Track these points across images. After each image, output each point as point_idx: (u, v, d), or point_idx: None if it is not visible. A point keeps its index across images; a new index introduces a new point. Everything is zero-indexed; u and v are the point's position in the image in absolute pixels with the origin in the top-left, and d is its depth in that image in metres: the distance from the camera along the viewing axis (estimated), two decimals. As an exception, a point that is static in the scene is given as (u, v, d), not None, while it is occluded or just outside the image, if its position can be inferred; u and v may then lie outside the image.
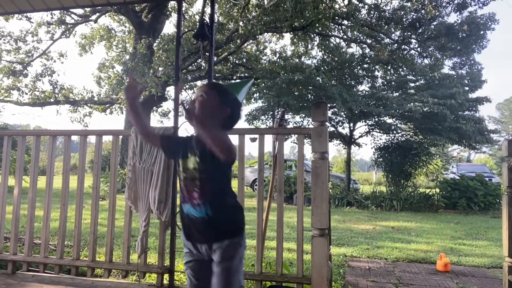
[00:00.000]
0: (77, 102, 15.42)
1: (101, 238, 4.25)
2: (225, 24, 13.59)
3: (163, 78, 12.47)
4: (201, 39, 2.61)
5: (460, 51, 13.06)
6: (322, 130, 2.43)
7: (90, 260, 2.83)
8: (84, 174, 2.95)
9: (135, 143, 2.60)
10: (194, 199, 1.48)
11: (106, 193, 9.65)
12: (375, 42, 13.57)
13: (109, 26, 16.62)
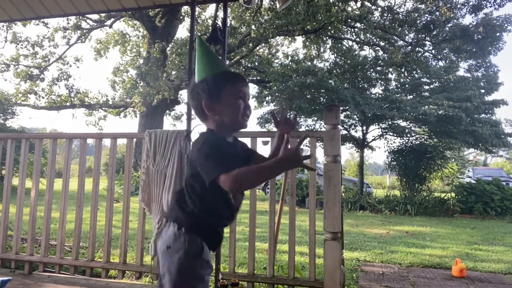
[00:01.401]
0: (92, 105, 15.69)
1: (115, 240, 4.30)
2: (237, 28, 13.67)
3: (176, 81, 12.61)
4: (213, 43, 2.63)
5: (476, 53, 12.87)
6: (335, 133, 2.42)
7: (105, 262, 2.87)
8: (99, 176, 3.00)
9: (149, 146, 2.64)
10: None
11: (120, 195, 9.78)
12: (389, 44, 13.47)
13: (124, 31, 16.91)
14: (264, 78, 15.51)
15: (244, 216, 5.30)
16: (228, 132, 1.40)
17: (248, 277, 2.60)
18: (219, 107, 1.36)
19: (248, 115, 1.39)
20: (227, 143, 1.37)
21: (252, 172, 1.20)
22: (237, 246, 3.79)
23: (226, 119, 1.36)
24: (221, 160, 1.24)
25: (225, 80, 1.38)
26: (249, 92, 1.42)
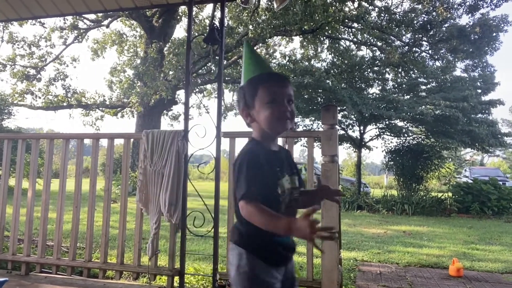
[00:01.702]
0: (89, 106, 15.64)
1: (113, 241, 4.29)
2: (235, 28, 13.67)
3: (173, 81, 12.59)
4: (211, 43, 2.63)
5: (472, 53, 12.92)
6: (332, 133, 2.42)
7: (102, 262, 2.86)
8: (96, 177, 2.99)
9: (146, 147, 2.63)
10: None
11: (117, 195, 9.74)
12: (386, 44, 13.51)
13: (121, 31, 16.86)
14: (261, 78, 15.48)
15: (242, 216, 5.30)
16: (269, 138, 1.35)
17: (246, 277, 2.59)
18: (255, 113, 1.33)
19: (286, 117, 1.29)
20: (259, 162, 1.27)
21: (264, 218, 1.18)
22: (235, 246, 3.79)
23: (262, 125, 1.31)
24: (248, 183, 1.22)
25: (258, 83, 1.33)
26: (288, 92, 1.32)
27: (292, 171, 1.36)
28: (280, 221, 1.17)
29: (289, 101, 1.31)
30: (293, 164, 1.42)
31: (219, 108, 2.67)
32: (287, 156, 1.43)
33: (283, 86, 1.32)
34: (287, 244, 1.33)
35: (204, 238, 3.98)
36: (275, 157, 1.34)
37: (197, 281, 2.99)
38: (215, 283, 2.48)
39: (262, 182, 1.23)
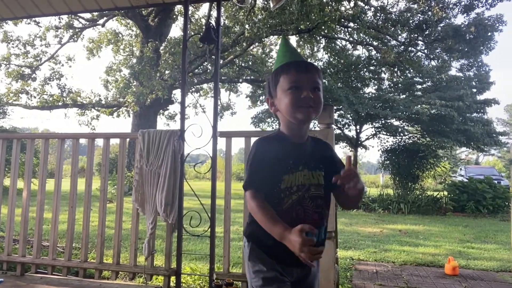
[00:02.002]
0: (85, 105, 15.57)
1: (109, 241, 4.27)
2: (231, 27, 13.65)
3: (169, 81, 12.56)
4: (207, 43, 2.62)
5: (468, 53, 13.00)
6: (328, 132, 2.42)
7: (98, 262, 2.85)
8: (92, 176, 2.97)
9: (142, 146, 2.62)
10: (313, 221, 1.20)
11: (113, 195, 9.72)
12: (382, 44, 13.55)
13: (116, 30, 16.78)
14: (258, 78, 15.50)
15: (239, 216, 5.28)
16: (294, 128, 1.28)
17: (243, 277, 2.59)
18: (277, 101, 1.29)
19: (307, 104, 1.21)
20: (263, 153, 1.24)
21: (261, 217, 1.18)
22: (232, 246, 3.78)
23: (284, 114, 1.26)
24: (251, 172, 1.23)
25: (281, 71, 1.27)
26: (312, 78, 1.24)
27: (317, 167, 1.27)
28: (276, 226, 1.15)
29: (315, 89, 1.23)
30: (323, 159, 1.31)
31: (215, 107, 2.67)
32: (317, 150, 1.32)
33: (307, 72, 1.25)
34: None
35: (200, 238, 3.98)
36: (294, 150, 1.27)
37: (194, 281, 2.99)
38: (212, 282, 2.48)
39: (263, 174, 1.21)
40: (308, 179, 1.24)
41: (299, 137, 1.30)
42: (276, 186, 1.22)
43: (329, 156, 1.35)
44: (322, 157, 1.31)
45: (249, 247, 1.28)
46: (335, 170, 1.25)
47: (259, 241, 1.27)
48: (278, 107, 1.29)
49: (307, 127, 1.33)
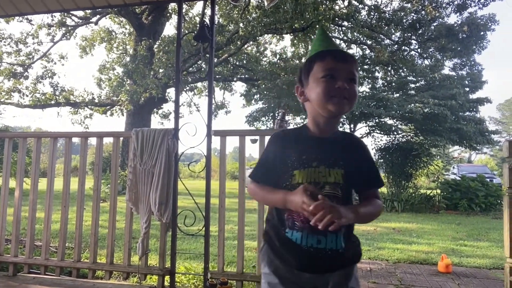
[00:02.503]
0: (77, 104, 15.46)
1: (102, 240, 4.25)
2: (225, 26, 13.62)
3: (163, 79, 12.50)
4: (201, 41, 2.61)
5: (460, 52, 13.10)
6: (323, 131, 2.42)
7: (91, 262, 2.83)
8: (85, 176, 2.95)
9: (136, 145, 2.60)
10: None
11: (107, 195, 9.66)
12: (375, 43, 13.60)
13: (110, 28, 16.67)
14: (252, 76, 15.50)
15: (233, 215, 5.28)
16: (321, 122, 1.19)
17: (237, 276, 2.59)
18: (307, 90, 1.20)
19: (342, 95, 1.11)
20: (276, 147, 1.20)
21: (261, 192, 1.20)
22: (226, 245, 3.78)
23: (314, 104, 1.17)
24: (258, 165, 1.22)
25: (315, 59, 1.17)
26: (348, 69, 1.15)
27: (337, 164, 1.16)
28: (276, 194, 1.14)
29: (350, 80, 1.13)
30: (347, 157, 1.18)
31: (209, 106, 2.66)
32: (341, 146, 1.21)
33: (343, 61, 1.15)
34: (305, 244, 1.13)
35: (195, 237, 3.97)
36: (311, 144, 1.19)
37: (188, 280, 2.98)
38: (206, 282, 2.47)
39: (269, 168, 1.19)
40: (324, 177, 1.14)
41: (324, 132, 1.21)
42: (286, 181, 1.16)
43: (357, 155, 1.22)
44: (346, 154, 1.19)
45: (262, 247, 1.26)
46: (358, 173, 1.18)
47: (270, 241, 1.22)
48: (308, 96, 1.20)
49: (337, 121, 1.24)
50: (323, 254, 1.13)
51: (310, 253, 1.13)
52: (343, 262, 1.17)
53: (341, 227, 1.10)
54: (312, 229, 1.09)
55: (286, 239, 1.16)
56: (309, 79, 1.19)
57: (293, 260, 1.15)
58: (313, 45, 1.27)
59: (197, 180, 20.81)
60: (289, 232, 1.16)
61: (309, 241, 1.13)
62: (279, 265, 1.17)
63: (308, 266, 1.14)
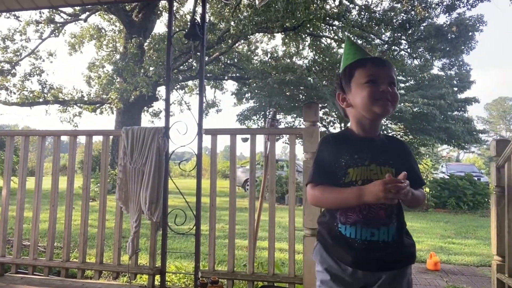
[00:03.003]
0: (66, 102, 15.26)
1: (92, 240, 4.20)
2: (216, 24, 13.57)
3: (154, 78, 12.41)
4: (192, 39, 2.59)
5: (449, 52, 13.24)
6: (314, 130, 2.43)
7: (80, 262, 2.80)
8: (74, 174, 2.91)
9: (126, 143, 2.58)
10: (379, 218, 1.18)
11: (96, 194, 9.56)
12: (366, 42, 13.67)
13: (99, 25, 16.49)
14: (243, 75, 15.48)
15: (224, 214, 5.27)
16: (365, 124, 1.25)
17: (228, 275, 2.59)
18: (350, 96, 1.26)
19: (386, 98, 1.18)
20: (328, 149, 1.24)
21: (328, 196, 1.20)
22: (217, 244, 3.77)
23: (359, 108, 1.23)
24: (314, 169, 1.24)
25: (356, 66, 1.25)
26: (389, 73, 1.22)
27: (387, 162, 1.22)
28: (346, 192, 1.16)
29: (391, 83, 1.21)
30: (395, 156, 1.24)
31: (200, 104, 2.65)
32: (388, 146, 1.28)
33: (383, 67, 1.23)
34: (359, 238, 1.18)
35: (185, 236, 3.95)
36: (361, 144, 1.24)
37: (179, 279, 2.97)
38: (197, 281, 2.47)
39: (328, 169, 1.22)
40: (375, 174, 1.20)
41: (370, 133, 1.27)
42: (340, 180, 1.20)
43: (403, 155, 1.29)
44: (393, 153, 1.26)
45: (315, 246, 1.30)
46: (408, 172, 1.19)
47: (322, 240, 1.27)
48: (351, 101, 1.26)
49: (380, 123, 1.30)
50: (376, 246, 1.17)
51: (364, 246, 1.17)
52: (395, 257, 1.19)
53: (392, 220, 1.19)
54: (366, 223, 1.17)
55: (339, 235, 1.21)
56: (351, 85, 1.26)
57: (347, 255, 1.18)
58: (346, 54, 1.34)
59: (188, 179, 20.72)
60: (342, 227, 1.20)
61: (363, 234, 1.18)
62: (331, 263, 1.22)
63: (361, 261, 1.18)
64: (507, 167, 2.50)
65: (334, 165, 1.22)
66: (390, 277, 1.19)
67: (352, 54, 1.31)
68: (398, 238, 1.21)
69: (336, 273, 1.20)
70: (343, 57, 1.35)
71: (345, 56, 1.34)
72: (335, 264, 1.21)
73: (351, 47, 1.34)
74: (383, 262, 1.18)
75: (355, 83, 1.24)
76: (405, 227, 1.26)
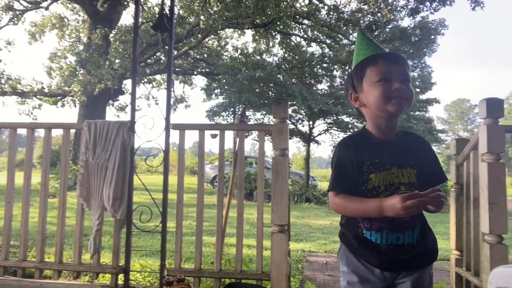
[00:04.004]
0: (25, 93, 14.50)
1: (51, 238, 4.01)
2: (185, 18, 13.33)
3: (119, 70, 12.03)
4: (160, 31, 2.51)
5: (413, 54, 13.70)
6: (283, 127, 2.43)
7: (38, 261, 2.67)
8: (32, 170, 2.77)
9: (88, 138, 2.47)
10: (403, 222, 1.17)
11: (57, 190, 9.17)
12: (334, 42, 13.91)
13: (62, 14, 15.77)
14: (213, 71, 15.32)
15: (192, 210, 5.20)
16: (382, 124, 1.22)
17: (195, 272, 2.55)
18: (362, 96, 1.23)
19: (400, 96, 1.15)
20: (347, 155, 1.21)
21: (350, 205, 1.19)
22: (184, 241, 3.72)
23: (372, 107, 1.20)
24: (335, 176, 1.22)
25: (367, 64, 1.21)
26: (402, 70, 1.18)
27: (408, 164, 1.20)
28: (368, 203, 1.14)
29: (405, 80, 1.17)
30: (415, 156, 1.22)
31: (168, 98, 2.58)
32: (408, 146, 1.25)
33: (396, 63, 1.19)
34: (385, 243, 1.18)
35: (151, 233, 3.86)
36: (381, 147, 1.21)
37: (144, 278, 2.89)
38: (163, 279, 2.41)
39: (349, 175, 1.19)
40: (397, 178, 1.18)
41: (387, 133, 1.23)
42: (362, 186, 1.19)
43: (423, 153, 1.26)
44: (414, 153, 1.23)
45: (340, 247, 1.29)
46: (427, 170, 1.22)
47: (347, 242, 1.26)
48: (364, 101, 1.23)
49: (396, 121, 1.25)
50: (402, 249, 1.18)
51: (389, 250, 1.18)
52: (420, 258, 1.21)
53: (417, 223, 1.20)
54: (391, 228, 1.17)
55: (364, 240, 1.20)
56: (363, 84, 1.22)
57: (373, 258, 1.19)
58: (357, 50, 1.29)
59: (155, 175, 20.32)
60: (367, 233, 1.20)
61: (388, 239, 1.18)
62: (358, 264, 1.22)
63: (388, 264, 1.19)
64: (466, 165, 2.61)
65: (355, 170, 1.19)
66: (414, 276, 1.21)
67: (363, 49, 1.26)
68: (422, 239, 1.22)
69: (363, 274, 1.21)
70: (354, 53, 1.31)
71: (356, 52, 1.29)
72: (362, 266, 1.21)
73: (362, 41, 1.29)
74: (409, 263, 1.19)
75: (367, 82, 1.21)
76: (427, 225, 1.26)
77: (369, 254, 1.20)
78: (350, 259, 1.24)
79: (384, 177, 1.18)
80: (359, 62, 1.25)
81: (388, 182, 1.18)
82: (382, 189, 1.17)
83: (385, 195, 1.17)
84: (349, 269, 1.23)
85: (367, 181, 1.18)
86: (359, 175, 1.19)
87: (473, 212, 2.46)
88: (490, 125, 2.16)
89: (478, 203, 2.30)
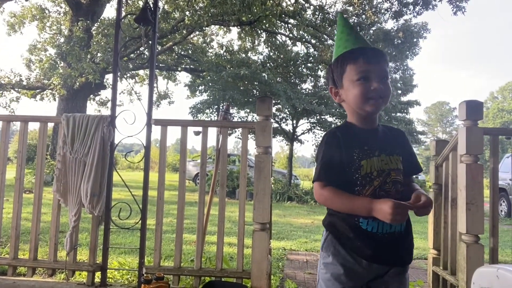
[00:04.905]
0: (2, 85, 14.05)
1: (26, 234, 3.90)
2: (170, 13, 13.16)
3: (101, 64, 11.77)
4: (143, 24, 2.46)
5: (395, 57, 13.92)
6: (267, 124, 2.42)
7: (12, 258, 2.58)
8: (6, 164, 2.67)
9: (66, 132, 2.40)
10: None
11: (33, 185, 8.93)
12: (319, 42, 13.99)
13: (43, 5, 15.34)
14: (197, 67, 15.19)
15: (172, 208, 5.14)
16: (362, 118, 1.25)
17: (174, 270, 2.52)
18: (343, 91, 1.26)
19: (378, 96, 1.18)
20: (336, 144, 1.21)
21: (338, 201, 1.19)
22: (164, 239, 3.67)
23: (351, 105, 1.24)
24: (321, 166, 1.21)
25: (347, 60, 1.22)
26: (381, 68, 1.20)
27: (394, 151, 1.24)
28: (357, 201, 1.15)
29: (383, 78, 1.20)
30: (398, 145, 1.28)
31: (150, 93, 2.53)
32: (390, 136, 1.30)
33: (376, 62, 1.21)
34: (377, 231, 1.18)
35: (131, 230, 3.79)
36: (367, 136, 1.24)
37: (122, 276, 2.84)
38: (141, 277, 2.36)
39: (337, 165, 1.19)
40: (386, 164, 1.21)
41: (369, 125, 1.27)
42: (356, 174, 1.19)
43: (404, 143, 1.32)
44: (397, 142, 1.30)
45: (325, 237, 1.26)
46: (408, 159, 1.29)
47: (337, 232, 1.23)
48: (344, 97, 1.26)
49: (376, 116, 1.29)
50: (394, 238, 1.20)
51: (384, 239, 1.18)
52: (406, 249, 1.24)
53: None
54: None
55: (360, 230, 1.18)
56: (343, 81, 1.24)
57: (367, 249, 1.18)
58: (338, 37, 1.29)
59: (136, 172, 20.06)
60: (364, 222, 1.18)
61: (384, 227, 1.18)
62: (346, 255, 1.20)
63: (380, 254, 1.19)
64: (445, 166, 2.65)
65: (345, 159, 1.20)
66: (397, 269, 1.23)
67: (343, 40, 1.26)
68: (408, 228, 1.25)
69: (350, 266, 1.20)
70: (335, 41, 1.31)
71: (337, 41, 1.30)
72: (350, 257, 1.20)
73: (343, 30, 1.29)
74: (399, 255, 1.22)
75: (346, 79, 1.23)
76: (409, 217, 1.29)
77: (362, 245, 1.18)
78: (337, 249, 1.22)
79: (375, 163, 1.20)
80: (339, 56, 1.26)
81: (379, 168, 1.20)
82: (375, 175, 1.19)
83: (378, 181, 1.19)
84: (335, 260, 1.21)
85: (360, 168, 1.19)
86: (350, 163, 1.19)
87: (451, 212, 2.51)
88: (470, 127, 2.21)
89: (456, 203, 2.35)
